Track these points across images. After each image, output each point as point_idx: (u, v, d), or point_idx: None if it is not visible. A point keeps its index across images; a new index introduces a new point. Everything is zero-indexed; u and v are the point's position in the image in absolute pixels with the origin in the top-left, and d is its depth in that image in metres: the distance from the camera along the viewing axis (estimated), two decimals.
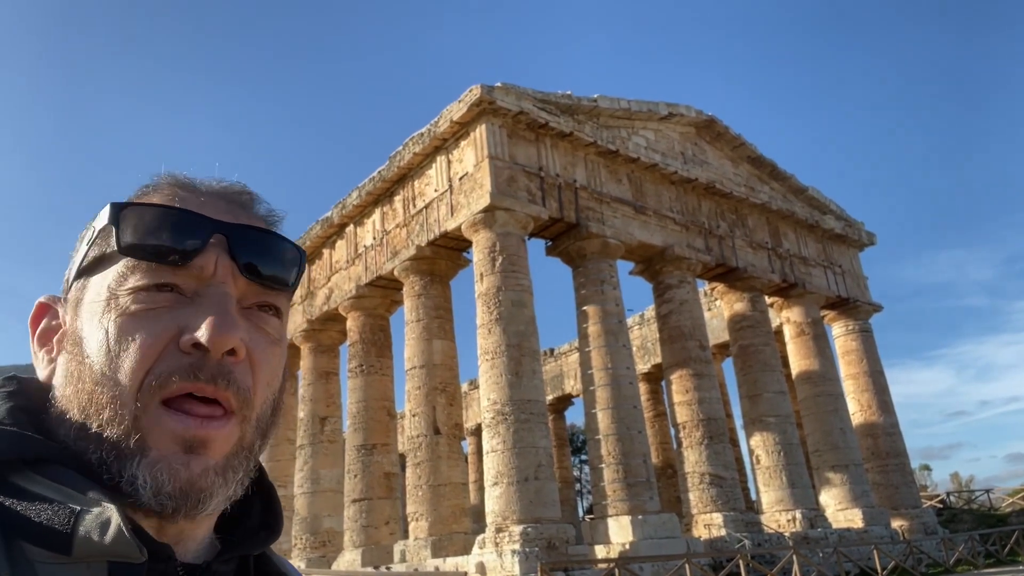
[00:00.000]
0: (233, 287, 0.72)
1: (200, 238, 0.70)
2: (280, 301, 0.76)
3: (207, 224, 0.71)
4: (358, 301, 21.84)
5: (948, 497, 33.40)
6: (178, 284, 0.69)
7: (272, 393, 0.74)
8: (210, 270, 0.70)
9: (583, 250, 19.08)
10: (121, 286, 0.69)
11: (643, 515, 16.35)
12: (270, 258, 0.74)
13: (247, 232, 0.74)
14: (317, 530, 21.95)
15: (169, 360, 0.66)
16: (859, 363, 25.49)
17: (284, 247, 0.76)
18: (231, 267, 0.72)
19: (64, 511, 0.61)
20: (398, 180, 20.78)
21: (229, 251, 0.72)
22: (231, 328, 0.68)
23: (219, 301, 0.69)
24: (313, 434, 22.89)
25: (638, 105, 21.04)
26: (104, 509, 0.61)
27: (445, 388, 18.91)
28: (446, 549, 16.93)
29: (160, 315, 0.68)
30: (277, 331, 0.76)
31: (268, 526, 0.79)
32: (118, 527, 0.59)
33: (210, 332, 0.66)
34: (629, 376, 18.03)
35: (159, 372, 0.66)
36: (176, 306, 0.69)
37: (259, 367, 0.72)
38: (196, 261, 0.70)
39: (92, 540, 0.59)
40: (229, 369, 0.68)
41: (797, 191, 25.87)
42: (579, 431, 49.57)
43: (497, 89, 17.74)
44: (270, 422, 0.74)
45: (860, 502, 21.52)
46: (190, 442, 0.66)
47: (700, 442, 18.99)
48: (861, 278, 27.53)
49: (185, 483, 0.65)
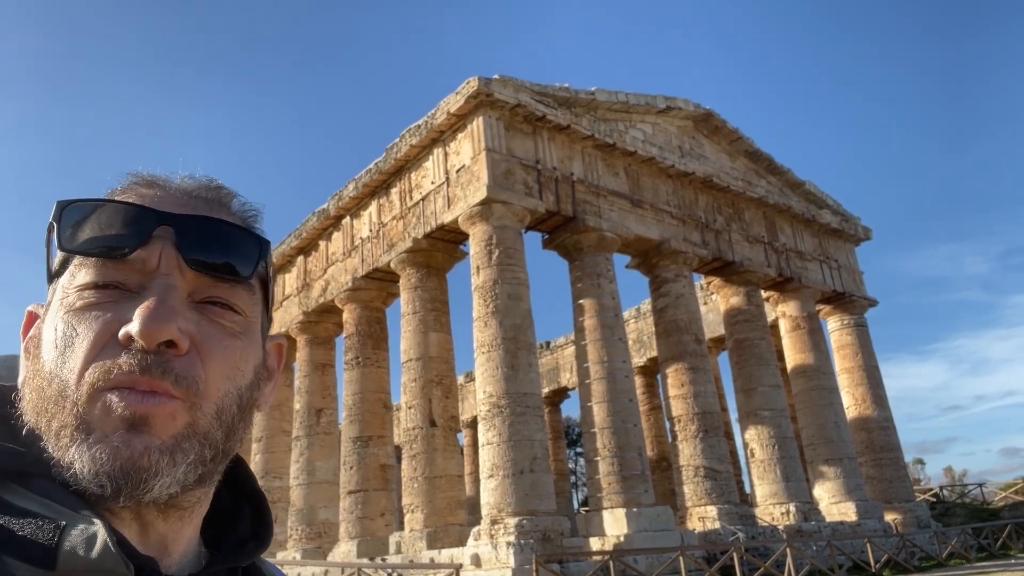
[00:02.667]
0: (180, 279, 0.69)
1: (143, 231, 0.68)
2: (235, 294, 0.73)
3: (150, 216, 0.69)
4: (354, 293, 21.82)
5: (941, 491, 33.61)
6: (122, 281, 0.68)
7: (235, 387, 0.71)
8: (153, 263, 0.68)
9: (580, 243, 19.08)
10: (70, 284, 0.68)
11: (638, 508, 16.41)
12: (221, 248, 0.71)
13: (196, 222, 0.71)
14: (313, 521, 22.00)
15: (108, 353, 0.65)
16: (854, 357, 25.58)
17: (238, 237, 0.73)
18: (176, 259, 0.69)
19: (49, 525, 0.60)
20: (395, 172, 20.74)
21: (175, 243, 0.69)
22: (164, 318, 0.65)
23: (159, 292, 0.67)
24: (309, 426, 22.91)
25: (636, 98, 21.01)
26: (91, 525, 0.60)
27: (441, 381, 18.93)
28: (441, 541, 16.99)
29: (104, 310, 0.67)
30: (239, 324, 0.73)
31: (258, 536, 0.78)
32: (104, 542, 0.58)
33: (141, 323, 0.64)
34: (625, 370, 18.06)
35: (98, 364, 0.65)
36: (120, 300, 0.67)
37: (211, 359, 0.69)
38: (138, 254, 0.68)
39: (78, 555, 0.58)
40: (167, 360, 0.66)
41: (794, 185, 25.89)
42: (575, 424, 49.68)
43: (494, 81, 17.69)
44: (236, 417, 0.71)
45: (854, 496, 21.63)
46: (132, 420, 0.64)
47: (695, 435, 19.06)
48: (857, 273, 27.60)
49: (126, 461, 0.63)
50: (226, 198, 0.79)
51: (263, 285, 0.78)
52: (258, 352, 0.76)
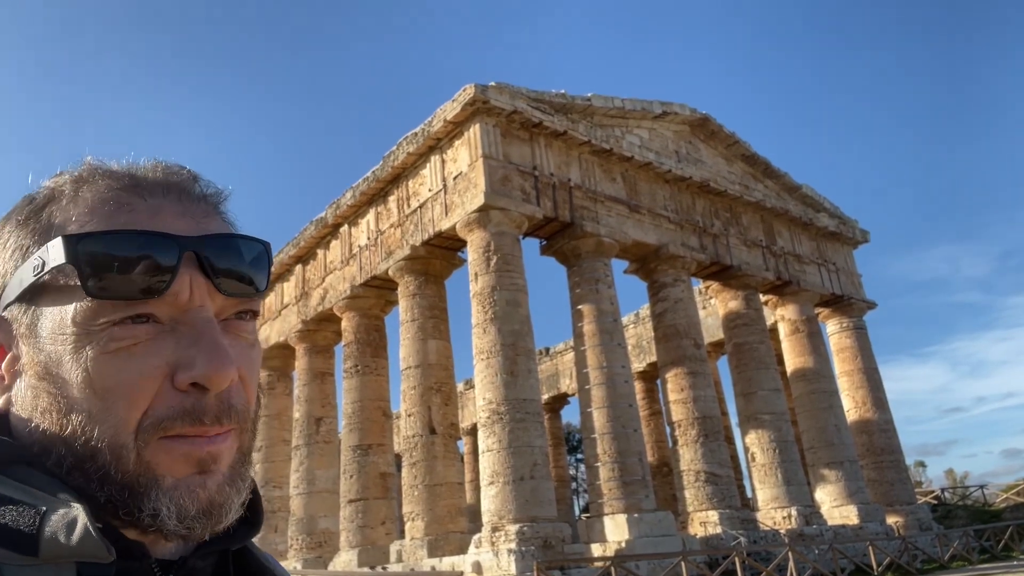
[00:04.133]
0: (211, 307, 0.68)
1: (171, 263, 0.65)
2: (255, 304, 0.73)
3: (173, 246, 0.65)
4: (353, 301, 21.81)
5: (943, 493, 33.56)
6: (154, 313, 0.65)
7: (255, 391, 0.73)
8: (186, 295, 0.66)
9: (578, 249, 19.09)
10: (92, 321, 0.64)
11: (639, 513, 16.37)
12: (241, 265, 0.70)
13: (214, 243, 0.69)
14: (313, 531, 21.93)
15: (166, 400, 0.64)
16: (853, 360, 25.57)
17: (252, 249, 0.72)
18: (206, 286, 0.67)
19: (29, 512, 0.60)
20: (392, 180, 20.76)
21: (201, 269, 0.67)
22: (228, 363, 0.65)
23: (204, 331, 0.66)
24: (308, 435, 22.87)
25: (632, 104, 21.05)
26: (70, 509, 0.60)
27: (440, 388, 18.90)
28: (442, 549, 16.93)
29: (147, 350, 0.64)
30: (252, 333, 0.74)
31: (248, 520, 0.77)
32: (85, 527, 0.58)
33: (209, 371, 0.64)
34: (624, 375, 18.05)
35: (158, 415, 0.63)
36: (158, 338, 0.65)
37: (248, 379, 0.70)
38: (171, 290, 0.65)
39: (59, 541, 0.58)
40: (230, 403, 0.67)
41: (791, 189, 25.93)
42: (575, 430, 49.61)
43: (491, 88, 17.73)
44: (256, 417, 0.74)
45: (855, 499, 21.59)
46: (204, 461, 0.65)
47: (695, 440, 19.03)
48: (855, 275, 27.62)
49: (206, 503, 0.65)
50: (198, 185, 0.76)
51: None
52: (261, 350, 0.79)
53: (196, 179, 0.76)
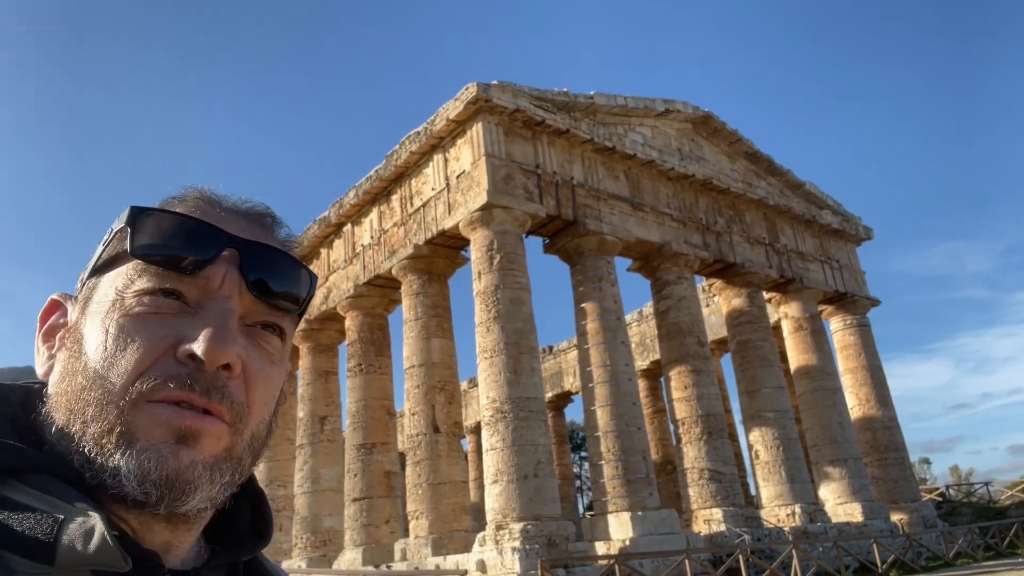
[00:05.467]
0: (238, 302, 0.71)
1: (212, 249, 0.70)
2: (285, 322, 0.76)
3: (220, 236, 0.71)
4: (356, 300, 21.84)
5: (947, 490, 33.51)
6: (183, 292, 0.69)
7: (268, 414, 0.74)
8: (217, 282, 0.70)
9: (581, 247, 19.09)
10: (128, 288, 0.69)
11: (643, 511, 16.38)
12: (279, 278, 0.74)
13: (260, 249, 0.74)
14: (317, 529, 21.97)
15: (163, 366, 0.66)
16: (857, 357, 25.53)
17: (295, 269, 0.76)
18: (239, 282, 0.72)
19: (47, 520, 0.60)
20: (395, 179, 20.77)
21: (239, 267, 0.72)
22: (228, 343, 0.67)
23: (220, 315, 0.69)
24: (313, 433, 22.90)
25: (635, 102, 21.03)
26: (88, 518, 0.60)
27: (444, 386, 18.92)
28: (446, 547, 16.95)
29: (162, 321, 0.68)
30: (278, 351, 0.75)
31: (258, 533, 0.79)
32: (102, 535, 0.59)
33: (206, 345, 0.66)
34: (628, 373, 18.05)
35: (152, 376, 0.66)
36: (179, 314, 0.69)
37: (255, 385, 0.71)
38: (205, 272, 0.70)
39: (76, 549, 0.58)
40: (223, 383, 0.68)
41: (794, 186, 25.89)
42: (579, 428, 49.62)
43: (493, 87, 17.73)
44: (263, 442, 0.74)
45: (859, 496, 21.56)
46: (183, 432, 0.65)
47: (699, 438, 19.02)
48: (858, 272, 27.57)
49: (172, 472, 0.64)
50: (275, 226, 0.82)
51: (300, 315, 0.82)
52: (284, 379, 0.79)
53: (272, 216, 0.82)
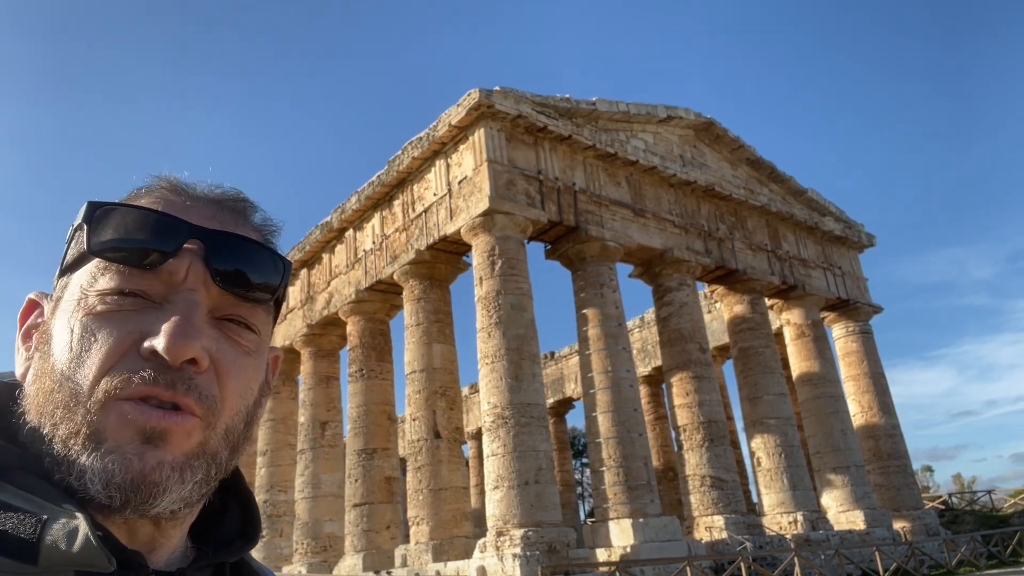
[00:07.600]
0: (204, 295, 0.69)
1: (173, 242, 0.68)
2: (255, 314, 0.74)
3: (182, 228, 0.69)
4: (358, 305, 21.84)
5: (950, 498, 33.36)
6: (146, 290, 0.68)
7: (244, 406, 0.72)
8: (180, 276, 0.68)
9: (582, 253, 19.09)
10: (91, 287, 0.67)
11: (644, 518, 16.33)
12: (248, 267, 0.71)
13: (225, 239, 0.71)
14: (318, 535, 21.93)
15: (128, 363, 0.65)
16: (859, 364, 25.47)
17: (264, 257, 0.73)
18: (204, 274, 0.69)
19: (30, 520, 0.59)
20: (397, 184, 20.80)
21: (204, 258, 0.69)
22: (190, 336, 0.65)
23: (184, 308, 0.67)
24: (314, 439, 22.88)
25: (637, 108, 21.06)
26: (72, 518, 0.59)
27: (445, 392, 18.90)
28: (447, 553, 16.91)
29: (126, 318, 0.66)
30: (253, 343, 0.74)
31: (245, 534, 0.78)
32: (86, 536, 0.58)
33: (167, 340, 0.64)
34: (629, 379, 18.02)
35: (117, 373, 0.64)
36: (143, 310, 0.67)
37: (227, 378, 0.69)
38: (167, 266, 0.68)
39: (59, 549, 0.58)
40: (190, 376, 0.66)
41: (796, 193, 25.88)
42: (580, 434, 49.55)
43: (495, 93, 17.76)
44: (242, 435, 0.72)
45: (861, 504, 21.49)
46: (149, 433, 0.64)
47: (701, 445, 18.98)
48: (861, 279, 27.53)
49: (137, 474, 0.63)
50: (249, 211, 0.79)
51: (276, 304, 0.79)
52: (264, 369, 0.77)
53: (244, 201, 0.79)
